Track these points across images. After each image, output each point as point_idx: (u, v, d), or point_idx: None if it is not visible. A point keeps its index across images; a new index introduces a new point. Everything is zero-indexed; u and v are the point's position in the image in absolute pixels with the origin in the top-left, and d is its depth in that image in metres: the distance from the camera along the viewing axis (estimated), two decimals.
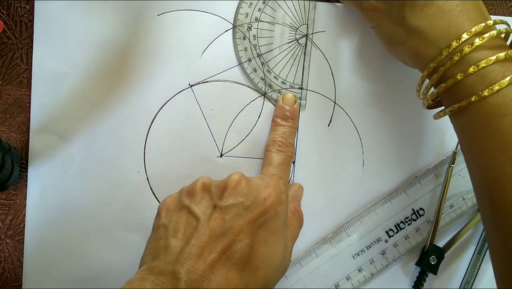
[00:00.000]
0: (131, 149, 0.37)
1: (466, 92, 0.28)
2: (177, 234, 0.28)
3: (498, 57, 0.27)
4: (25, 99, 0.36)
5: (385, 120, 0.38)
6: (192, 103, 0.37)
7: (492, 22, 0.28)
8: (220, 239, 0.27)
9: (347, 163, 0.38)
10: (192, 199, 0.29)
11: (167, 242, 0.27)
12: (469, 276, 0.38)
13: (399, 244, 0.38)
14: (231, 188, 0.29)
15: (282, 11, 0.37)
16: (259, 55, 0.37)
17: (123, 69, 0.36)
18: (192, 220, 0.28)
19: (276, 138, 0.35)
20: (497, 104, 0.27)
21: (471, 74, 0.27)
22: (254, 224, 0.28)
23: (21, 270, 0.36)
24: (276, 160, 0.34)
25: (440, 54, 0.28)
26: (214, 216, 0.28)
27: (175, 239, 0.27)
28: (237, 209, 0.28)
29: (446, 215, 0.38)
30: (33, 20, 0.36)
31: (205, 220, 0.27)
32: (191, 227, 0.28)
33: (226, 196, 0.28)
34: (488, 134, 0.27)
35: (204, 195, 0.29)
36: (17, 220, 0.36)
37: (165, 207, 0.30)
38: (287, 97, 0.37)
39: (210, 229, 0.27)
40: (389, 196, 0.38)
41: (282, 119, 0.36)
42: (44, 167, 0.36)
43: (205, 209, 0.28)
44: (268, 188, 0.30)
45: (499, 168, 0.27)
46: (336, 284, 0.37)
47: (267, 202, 0.29)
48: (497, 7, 0.39)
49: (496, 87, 0.27)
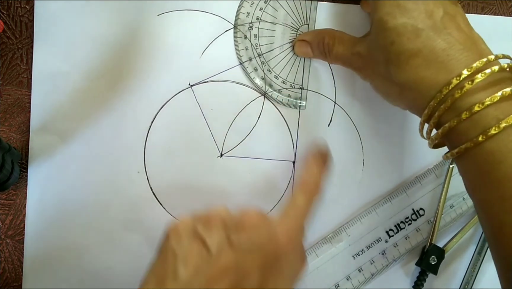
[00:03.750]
0: (131, 148, 0.37)
1: (461, 139, 0.27)
2: (187, 263, 0.26)
3: (493, 99, 0.25)
4: (25, 99, 0.36)
5: (385, 120, 0.38)
6: (192, 103, 0.37)
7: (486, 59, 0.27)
8: (230, 276, 0.25)
9: (347, 163, 0.38)
10: (206, 230, 0.28)
11: (175, 269, 0.26)
12: (470, 276, 0.38)
13: (399, 244, 0.38)
14: (248, 226, 0.27)
15: (283, 11, 0.37)
16: (259, 54, 0.37)
17: (123, 69, 0.36)
18: (204, 252, 0.26)
19: (308, 180, 0.31)
20: (492, 150, 0.25)
21: (464, 120, 0.26)
22: (266, 267, 0.26)
23: (21, 270, 0.36)
24: (301, 203, 0.30)
25: (433, 101, 0.27)
26: (227, 252, 0.26)
27: (184, 268, 0.26)
28: (250, 250, 0.26)
29: (446, 215, 0.38)
30: (33, 20, 0.36)
31: (217, 254, 0.26)
32: (202, 258, 0.26)
33: (241, 234, 0.27)
34: (485, 182, 0.26)
35: (219, 228, 0.27)
36: (17, 220, 0.36)
37: (175, 231, 0.28)
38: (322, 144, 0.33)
39: (222, 264, 0.26)
40: (389, 196, 0.38)
41: (317, 162, 0.32)
42: (44, 167, 0.36)
43: (219, 243, 0.27)
44: (287, 233, 0.28)
45: (500, 217, 0.26)
46: (336, 284, 0.37)
47: (283, 248, 0.27)
48: (497, 7, 0.39)
49: (490, 132, 0.25)
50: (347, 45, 0.33)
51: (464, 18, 0.30)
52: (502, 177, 0.25)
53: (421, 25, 0.28)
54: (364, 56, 0.32)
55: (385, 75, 0.30)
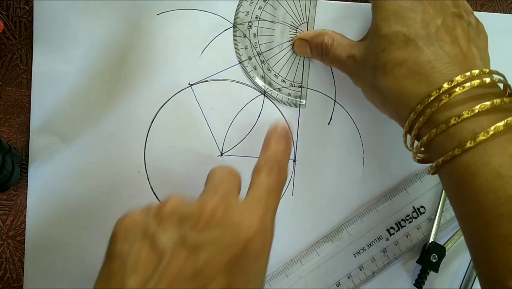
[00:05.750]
0: (131, 148, 0.37)
1: (439, 152, 0.26)
2: (136, 270, 0.22)
3: (470, 112, 0.25)
4: (25, 99, 0.36)
5: (385, 118, 0.38)
6: (192, 102, 0.37)
7: (469, 74, 0.26)
8: (188, 284, 0.21)
9: (347, 161, 0.38)
10: (158, 225, 0.24)
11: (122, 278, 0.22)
12: (471, 274, 0.38)
13: (400, 242, 0.38)
14: (206, 217, 0.23)
15: (282, 10, 0.37)
16: (259, 53, 0.37)
17: (123, 68, 0.36)
18: (155, 256, 0.22)
19: (268, 159, 0.28)
20: (468, 164, 0.25)
21: (440, 133, 0.26)
22: (232, 266, 0.22)
23: (22, 271, 0.36)
24: (265, 184, 0.26)
25: (413, 113, 0.27)
26: (183, 253, 0.22)
27: (133, 277, 0.22)
28: (210, 247, 0.22)
29: (447, 213, 0.38)
30: (32, 20, 0.36)
31: (171, 257, 0.22)
32: (152, 264, 0.22)
33: (199, 228, 0.23)
34: (462, 197, 0.26)
35: (173, 224, 0.23)
36: (18, 221, 0.36)
37: (123, 229, 0.24)
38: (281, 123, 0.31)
39: (176, 270, 0.22)
40: (389, 194, 0.38)
41: (276, 140, 0.29)
42: (45, 167, 0.36)
43: (173, 242, 0.23)
44: (252, 219, 0.24)
45: (477, 234, 0.25)
46: (337, 283, 0.37)
47: (249, 238, 0.23)
48: (497, 4, 0.39)
49: (465, 146, 0.25)
50: (345, 48, 0.33)
51: (466, 32, 0.29)
52: (478, 191, 0.25)
53: (412, 35, 0.27)
54: (357, 60, 0.31)
55: (372, 82, 0.30)
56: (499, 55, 0.38)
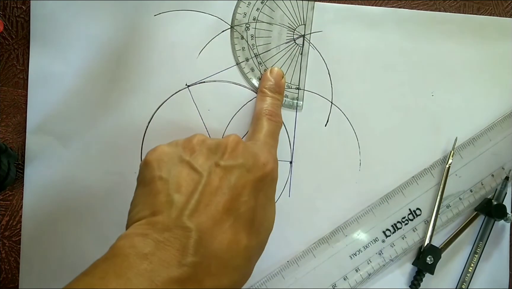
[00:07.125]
0: (128, 149, 0.36)
1: None
2: (180, 188, 0.26)
3: None
4: (22, 100, 0.36)
5: (381, 120, 0.38)
6: (189, 103, 0.37)
7: None
8: (226, 196, 0.26)
9: (344, 163, 0.38)
10: (191, 154, 0.28)
11: (169, 197, 0.26)
12: (466, 276, 0.38)
13: (396, 244, 0.38)
14: (231, 149, 0.28)
15: (280, 11, 0.37)
16: (256, 55, 0.37)
17: (120, 69, 0.36)
18: (195, 175, 0.26)
19: (267, 108, 0.35)
20: None
21: None
22: (256, 188, 0.27)
23: (18, 271, 0.36)
24: (267, 128, 0.33)
25: None
26: (218, 173, 0.27)
27: (179, 194, 0.26)
28: (239, 170, 0.27)
29: (442, 215, 0.38)
30: (29, 20, 0.36)
31: (208, 176, 0.26)
32: (194, 182, 0.26)
33: (227, 157, 0.27)
34: None
35: (204, 152, 0.28)
36: (13, 221, 0.36)
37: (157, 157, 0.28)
38: (275, 71, 0.37)
39: (215, 184, 0.26)
40: (386, 196, 0.38)
41: (270, 91, 0.36)
42: (41, 168, 0.36)
43: (207, 165, 0.27)
44: (264, 154, 0.29)
45: None
46: (334, 284, 0.37)
47: (266, 167, 0.28)
48: (493, 8, 0.39)
49: None
50: None
51: None
52: None
53: None
54: None
55: None
56: (495, 58, 0.39)
